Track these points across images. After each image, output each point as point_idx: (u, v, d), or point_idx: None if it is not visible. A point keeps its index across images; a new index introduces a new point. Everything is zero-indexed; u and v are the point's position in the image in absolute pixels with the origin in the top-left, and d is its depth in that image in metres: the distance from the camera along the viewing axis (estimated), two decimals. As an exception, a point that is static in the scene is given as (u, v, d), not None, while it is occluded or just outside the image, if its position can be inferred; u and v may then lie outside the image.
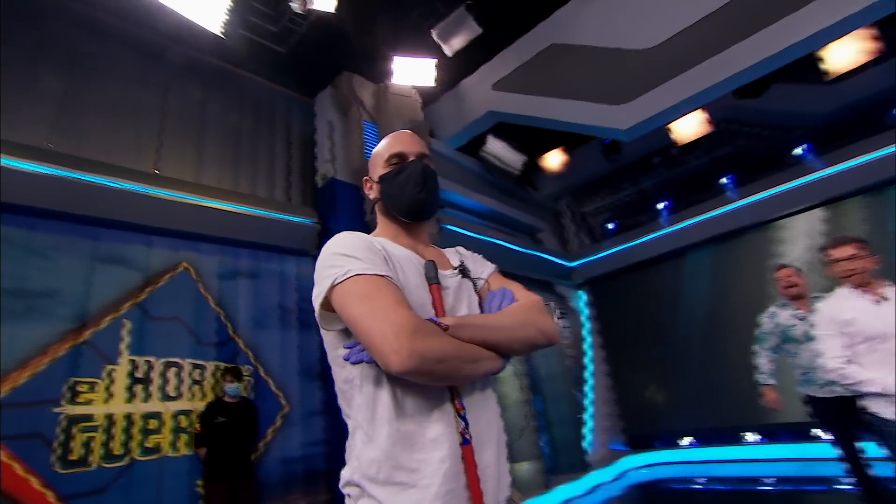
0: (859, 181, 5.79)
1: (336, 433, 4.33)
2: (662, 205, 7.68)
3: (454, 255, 1.27)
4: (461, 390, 1.00)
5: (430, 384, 0.95)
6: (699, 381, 6.84)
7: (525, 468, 5.37)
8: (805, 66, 5.18)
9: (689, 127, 6.13)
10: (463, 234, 5.97)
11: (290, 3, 4.30)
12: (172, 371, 3.80)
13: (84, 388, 3.29)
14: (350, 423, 1.03)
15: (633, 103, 5.51)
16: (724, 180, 7.00)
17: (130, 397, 3.47)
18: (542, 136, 6.83)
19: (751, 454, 6.17)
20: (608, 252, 7.93)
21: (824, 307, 2.36)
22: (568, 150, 7.18)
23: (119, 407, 3.40)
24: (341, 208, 4.89)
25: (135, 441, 3.41)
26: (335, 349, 1.04)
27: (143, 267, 3.82)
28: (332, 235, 1.09)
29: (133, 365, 3.57)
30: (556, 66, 5.69)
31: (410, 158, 1.20)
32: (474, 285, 1.20)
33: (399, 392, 0.96)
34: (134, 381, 3.53)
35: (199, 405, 3.75)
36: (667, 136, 6.33)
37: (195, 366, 3.87)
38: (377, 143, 5.25)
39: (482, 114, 6.09)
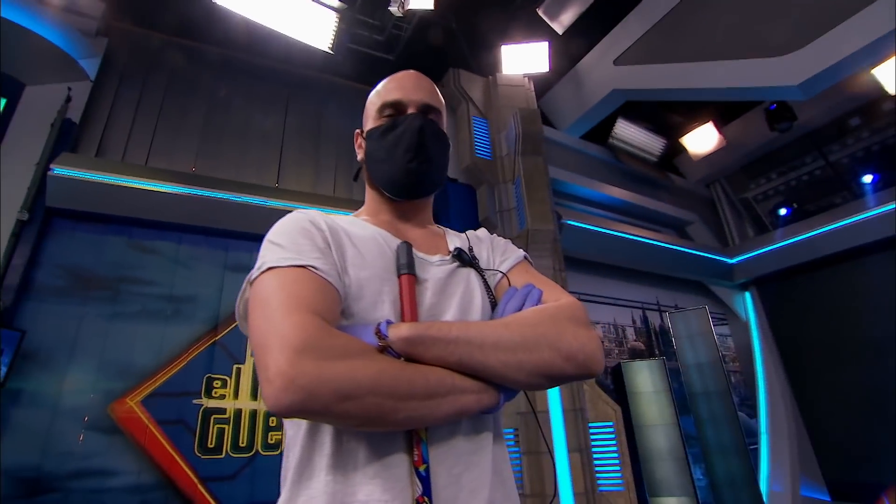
0: None
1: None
2: (867, 178, 5.91)
3: (460, 238, 0.94)
4: (429, 434, 0.67)
5: (357, 427, 0.64)
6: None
7: (674, 503, 4.48)
8: None
9: (900, 71, 4.60)
10: (590, 229, 5.34)
11: (390, 8, 4.31)
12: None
13: (217, 383, 3.63)
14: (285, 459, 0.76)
15: (806, 49, 4.31)
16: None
17: (255, 395, 3.74)
18: (683, 112, 5.83)
19: None
20: (783, 243, 6.34)
21: None
22: (718, 126, 6.01)
23: (245, 403, 3.67)
24: (453, 209, 4.74)
25: (258, 436, 3.65)
26: None
27: (266, 273, 4.13)
28: None
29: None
30: (692, 25, 4.77)
31: (410, 111, 0.90)
32: (483, 279, 0.84)
33: (342, 431, 0.67)
34: (258, 380, 3.80)
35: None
36: (868, 88, 4.85)
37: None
38: (489, 139, 4.95)
39: (606, 94, 5.39)
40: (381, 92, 0.95)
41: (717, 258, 6.62)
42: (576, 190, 5.73)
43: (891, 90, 4.67)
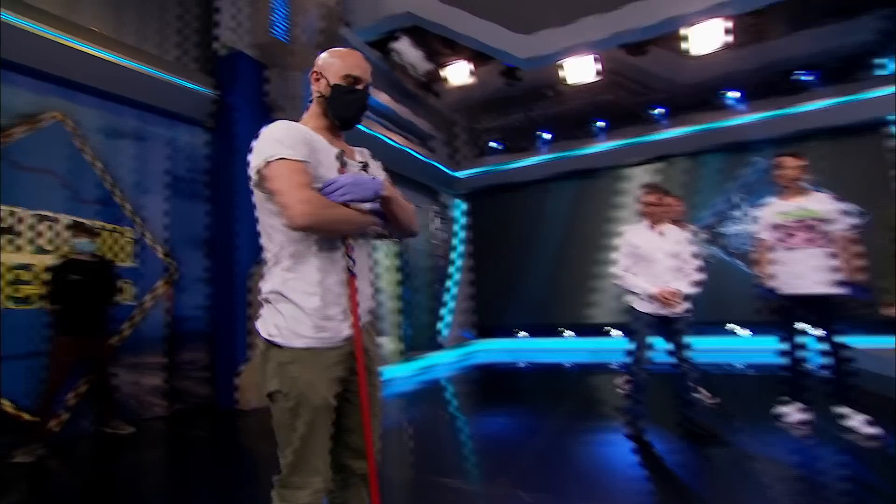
0: (687, 146, 7.19)
1: (217, 299, 4.64)
2: (544, 135, 8.57)
3: (359, 152, 1.60)
4: (352, 239, 1.39)
5: (325, 236, 1.32)
6: (539, 290, 8.38)
7: (387, 343, 6.31)
8: (677, 39, 6.09)
9: (582, 69, 6.79)
10: (362, 129, 6.14)
11: None
12: (46, 225, 3.70)
13: (-54, 230, 3.12)
14: (271, 255, 1.35)
15: (539, 35, 5.97)
16: (597, 124, 8.02)
17: (-5, 248, 3.37)
18: (450, 46, 6.97)
19: (565, 345, 7.99)
20: (490, 169, 8.76)
21: (624, 233, 3.28)
22: (473, 66, 7.47)
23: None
24: (242, 84, 4.73)
25: (3, 290, 3.40)
26: (264, 202, 1.33)
27: None
28: (232, 110, 1.31)
29: (-3, 213, 3.42)
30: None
31: (362, 85, 1.44)
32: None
33: (314, 238, 1.32)
34: None
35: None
36: (560, 73, 6.96)
37: (75, 223, 3.78)
38: (286, 21, 5.01)
39: (398, 12, 6.02)
40: (347, 63, 1.38)
41: (447, 171, 8.53)
42: (356, 90, 6.33)
43: (565, 80, 6.92)
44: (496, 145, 9.16)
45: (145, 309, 4.22)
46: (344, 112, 1.39)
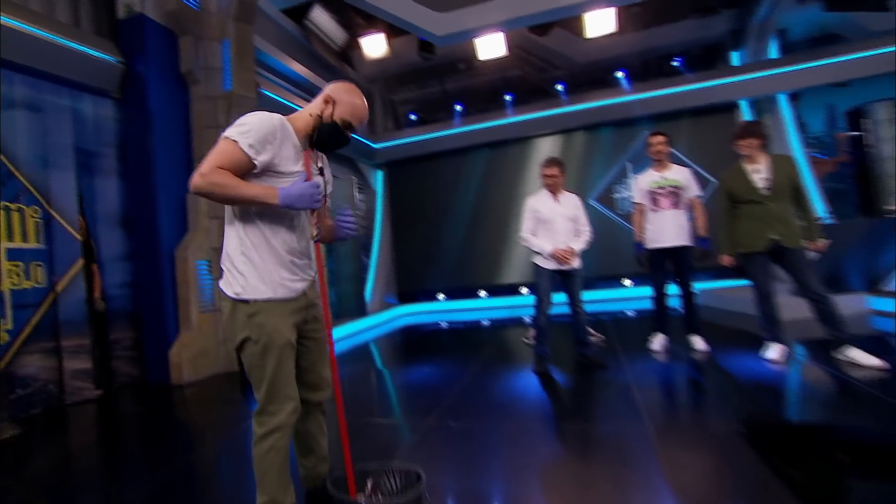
0: (584, 120, 8.02)
1: (142, 277, 4.57)
2: (458, 107, 8.98)
3: (320, 158, 1.75)
4: (314, 215, 1.59)
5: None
6: (455, 254, 8.98)
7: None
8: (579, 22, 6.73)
9: (492, 46, 7.22)
10: (278, 100, 6.11)
11: None
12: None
13: None
14: (237, 224, 1.50)
15: (452, 14, 6.27)
16: (507, 98, 8.58)
17: None
18: (367, 17, 7.04)
19: (482, 304, 8.73)
20: (407, 140, 9.04)
21: (529, 200, 3.83)
22: (389, 38, 7.59)
23: None
24: (152, 52, 4.51)
25: None
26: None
27: None
28: (142, 80, 1.55)
29: None
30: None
31: (351, 132, 1.64)
32: (325, 183, 1.75)
33: (280, 212, 1.48)
34: None
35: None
36: (473, 48, 7.34)
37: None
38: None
39: (313, -20, 5.97)
40: (356, 115, 1.56)
41: (366, 142, 8.67)
42: (270, 60, 6.24)
43: (480, 56, 7.33)
44: (412, 117, 9.42)
45: (59, 291, 4.07)
46: (327, 143, 1.57)
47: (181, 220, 4.66)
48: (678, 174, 3.92)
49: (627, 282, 8.10)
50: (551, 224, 3.67)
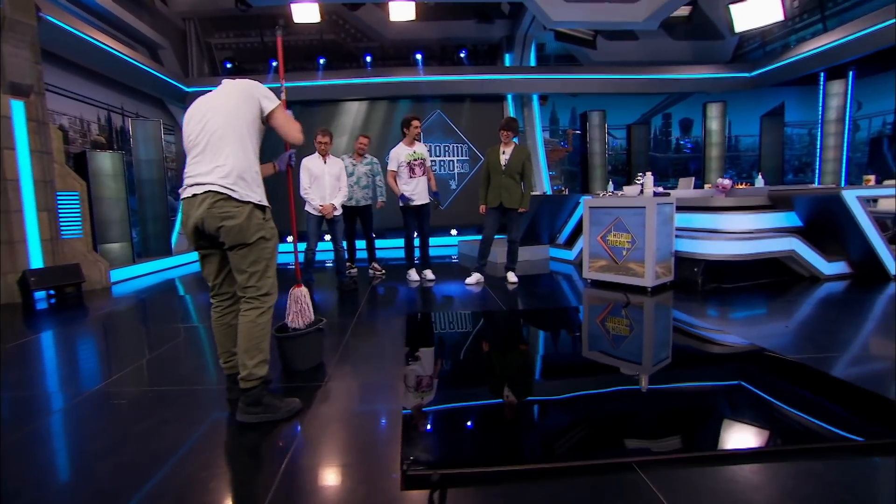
0: (386, 92, 9.24)
1: None
2: (275, 64, 9.43)
3: None
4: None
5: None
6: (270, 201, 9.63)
7: (116, 248, 6.74)
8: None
9: (306, 13, 7.84)
10: (68, 30, 5.93)
11: None
12: None
13: None
14: (249, 153, 1.89)
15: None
16: (320, 60, 9.33)
17: None
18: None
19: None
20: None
21: (304, 160, 4.90)
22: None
23: None
24: None
25: None
26: (256, 122, 1.95)
27: None
28: None
29: None
30: None
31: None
32: None
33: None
34: None
35: None
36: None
37: None
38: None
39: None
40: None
41: (178, 85, 8.61)
42: (59, -14, 5.99)
43: (295, 19, 7.94)
44: (228, 65, 9.54)
45: None
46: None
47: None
48: (421, 149, 5.37)
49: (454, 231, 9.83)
50: (320, 180, 4.85)
